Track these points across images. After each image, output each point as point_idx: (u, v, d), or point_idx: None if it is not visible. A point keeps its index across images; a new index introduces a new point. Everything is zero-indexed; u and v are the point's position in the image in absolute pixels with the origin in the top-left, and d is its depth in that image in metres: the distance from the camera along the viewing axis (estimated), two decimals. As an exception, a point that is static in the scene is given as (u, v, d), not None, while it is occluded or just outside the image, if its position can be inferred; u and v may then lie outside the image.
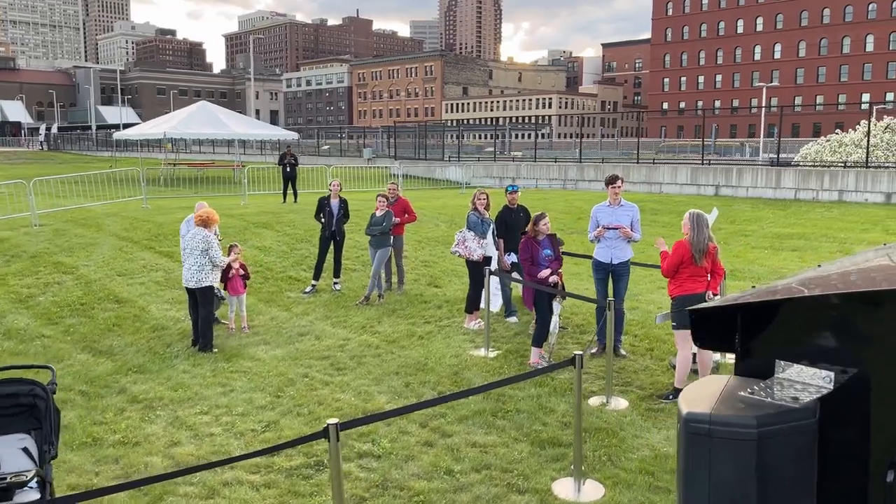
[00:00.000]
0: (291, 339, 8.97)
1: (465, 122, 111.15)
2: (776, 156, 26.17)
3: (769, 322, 2.81)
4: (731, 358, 8.29)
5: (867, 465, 2.54)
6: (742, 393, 2.59)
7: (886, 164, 24.60)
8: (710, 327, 2.99)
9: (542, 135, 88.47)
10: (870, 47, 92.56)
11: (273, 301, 10.84)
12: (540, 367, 7.84)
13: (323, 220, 11.49)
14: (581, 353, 5.19)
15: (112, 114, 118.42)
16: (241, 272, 9.39)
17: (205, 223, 8.71)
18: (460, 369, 7.77)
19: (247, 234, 14.97)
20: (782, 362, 2.69)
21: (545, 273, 7.88)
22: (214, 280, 8.95)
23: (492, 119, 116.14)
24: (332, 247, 11.61)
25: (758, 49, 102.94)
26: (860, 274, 3.02)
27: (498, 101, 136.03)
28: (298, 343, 8.77)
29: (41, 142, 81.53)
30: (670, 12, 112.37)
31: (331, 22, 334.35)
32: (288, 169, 23.25)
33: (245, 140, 46.38)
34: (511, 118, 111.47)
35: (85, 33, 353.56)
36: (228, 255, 9.38)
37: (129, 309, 10.13)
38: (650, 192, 25.77)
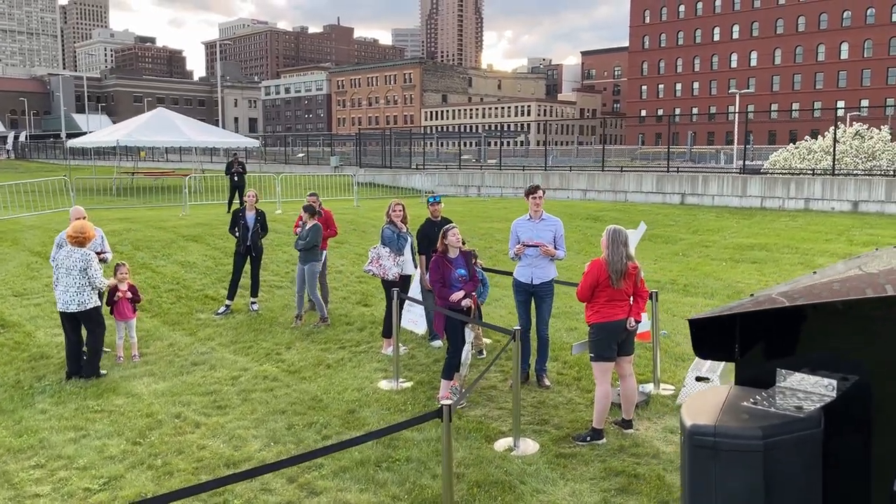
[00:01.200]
0: (183, 369, 8.02)
1: (444, 129, 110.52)
2: (742, 163, 25.55)
3: (769, 330, 2.74)
4: (665, 389, 7.46)
5: (871, 474, 2.47)
6: (745, 403, 2.55)
7: (855, 172, 24.05)
8: (709, 337, 2.88)
9: (519, 142, 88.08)
10: (844, 55, 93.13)
11: (179, 324, 9.88)
12: (450, 402, 6.96)
13: (237, 234, 10.56)
14: (449, 402, 4.31)
15: (87, 122, 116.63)
16: (129, 295, 8.43)
17: (80, 244, 7.73)
18: (358, 406, 6.87)
19: (172, 249, 13.99)
20: (783, 371, 2.65)
21: (457, 296, 7.01)
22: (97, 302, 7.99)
23: (470, 126, 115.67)
24: (249, 263, 10.70)
25: (734, 57, 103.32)
26: (861, 280, 2.93)
27: (477, 109, 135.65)
28: (188, 374, 7.83)
29: (7, 150, 79.79)
30: (648, 20, 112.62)
31: (312, 30, 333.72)
32: (236, 178, 22.31)
33: (214, 148, 45.35)
34: (490, 125, 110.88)
35: (63, 41, 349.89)
36: (115, 275, 8.42)
37: (13, 335, 9.13)
38: (615, 201, 25.04)
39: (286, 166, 46.57)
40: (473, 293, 7.14)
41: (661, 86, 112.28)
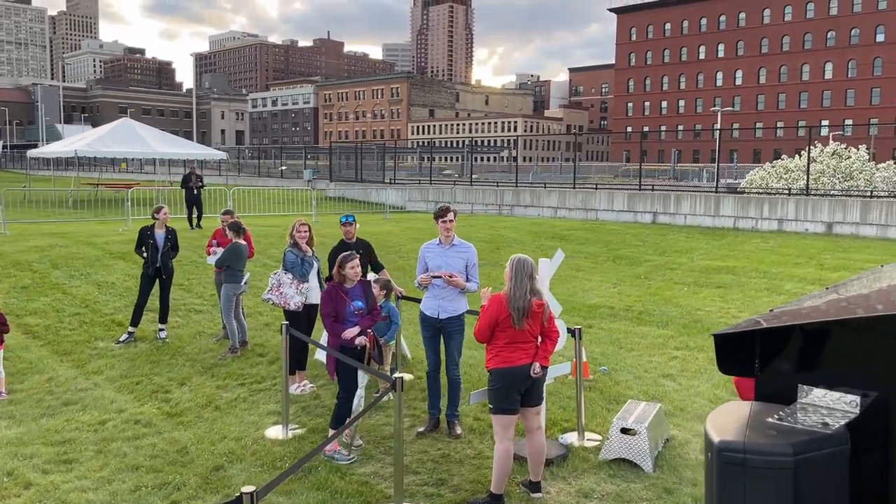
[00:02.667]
0: (49, 410, 7.05)
1: (430, 143, 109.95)
2: (716, 181, 24.82)
3: (788, 346, 2.77)
4: (590, 440, 6.55)
5: (890, 492, 2.54)
6: (771, 419, 2.58)
7: (832, 192, 23.37)
8: (731, 352, 2.89)
9: (504, 157, 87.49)
10: (828, 75, 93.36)
11: (71, 353, 8.90)
12: (340, 455, 6.04)
13: (145, 254, 9.62)
14: (252, 490, 3.37)
15: (70, 132, 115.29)
16: (-5, 324, 7.48)
17: None
18: (228, 461, 5.91)
19: (95, 267, 13.00)
20: (805, 387, 2.69)
21: (350, 332, 6.09)
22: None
23: (456, 141, 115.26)
24: (158, 286, 9.76)
25: (719, 75, 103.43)
26: (880, 297, 2.92)
27: (464, 124, 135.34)
28: (51, 417, 6.85)
29: (-17, 160, 78.45)
30: (634, 38, 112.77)
31: (302, 43, 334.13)
32: (195, 191, 21.31)
33: (196, 159, 44.31)
34: (475, 140, 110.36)
35: (52, 51, 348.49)
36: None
37: None
38: (586, 219, 24.23)
39: (260, 179, 45.70)
40: (370, 330, 6.22)
41: (646, 103, 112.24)
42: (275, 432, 6.58)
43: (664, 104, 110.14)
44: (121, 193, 31.43)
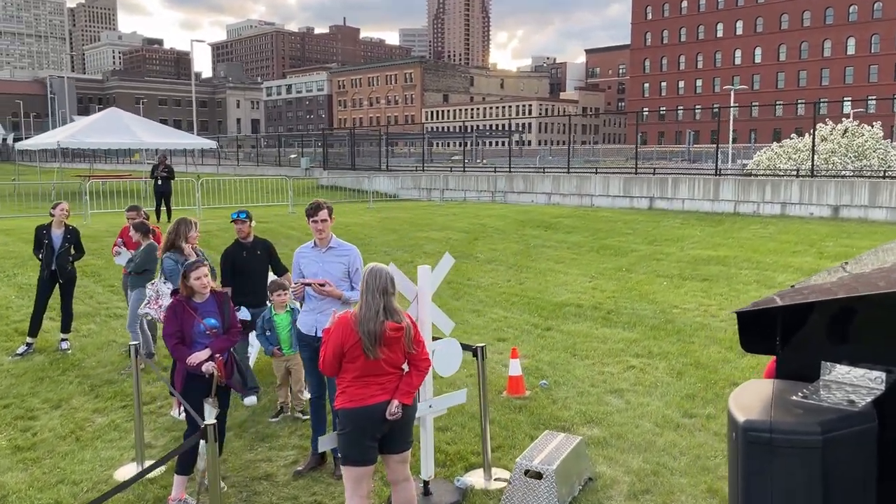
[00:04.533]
0: None
1: (444, 129, 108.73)
2: (715, 163, 23.37)
3: (810, 322, 2.74)
4: (498, 479, 5.46)
5: None
6: (795, 398, 2.53)
7: (843, 174, 21.87)
8: (754, 330, 2.85)
9: (516, 142, 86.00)
10: (851, 50, 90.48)
11: (-48, 370, 7.98)
12: (186, 504, 5.03)
13: (41, 256, 8.67)
14: None
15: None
16: None
17: None
18: (47, 514, 4.92)
19: (25, 267, 12.17)
20: (828, 363, 2.65)
21: (197, 358, 5.04)
22: None
23: (467, 126, 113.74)
24: (59, 292, 8.80)
25: (738, 53, 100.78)
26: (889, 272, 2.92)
27: (478, 108, 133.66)
28: None
29: (-5, 153, 78.83)
30: (650, 17, 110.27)
31: (320, 31, 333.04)
32: (160, 182, 20.42)
33: (186, 149, 43.74)
34: (477, 125, 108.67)
35: (72, 44, 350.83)
36: None
37: None
38: (580, 205, 22.97)
39: (259, 168, 44.91)
40: (220, 355, 5.14)
41: (663, 83, 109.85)
42: (127, 473, 5.57)
43: (681, 84, 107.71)
44: (107, 185, 30.74)
